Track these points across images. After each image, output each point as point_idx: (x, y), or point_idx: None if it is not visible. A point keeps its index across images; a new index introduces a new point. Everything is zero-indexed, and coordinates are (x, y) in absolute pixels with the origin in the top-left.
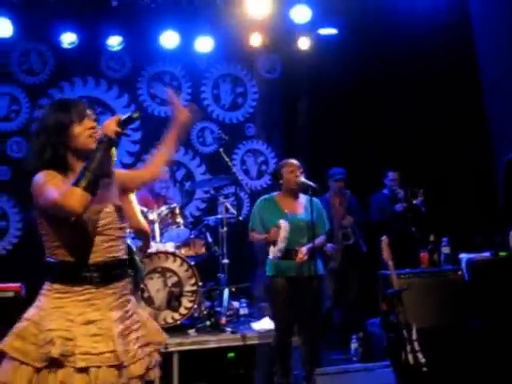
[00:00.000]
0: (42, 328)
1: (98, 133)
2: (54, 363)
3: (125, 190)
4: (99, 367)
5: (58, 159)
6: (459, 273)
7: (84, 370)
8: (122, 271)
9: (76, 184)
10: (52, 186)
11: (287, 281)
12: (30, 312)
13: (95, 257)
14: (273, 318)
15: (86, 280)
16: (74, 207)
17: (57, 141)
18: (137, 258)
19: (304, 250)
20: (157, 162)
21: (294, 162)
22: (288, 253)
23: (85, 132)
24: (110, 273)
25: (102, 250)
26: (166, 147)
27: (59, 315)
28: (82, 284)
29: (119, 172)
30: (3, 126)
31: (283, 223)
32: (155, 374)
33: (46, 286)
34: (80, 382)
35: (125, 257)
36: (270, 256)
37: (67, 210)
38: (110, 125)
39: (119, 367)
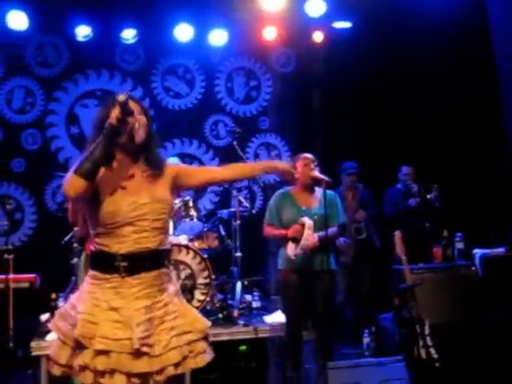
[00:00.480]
0: (76, 310)
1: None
2: (80, 344)
3: (179, 185)
4: (120, 353)
5: None
6: (473, 268)
7: (104, 353)
8: (153, 262)
9: (74, 171)
10: None
11: (299, 275)
12: (74, 295)
13: (125, 247)
14: (284, 311)
15: (115, 269)
16: (68, 192)
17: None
18: None
19: (315, 236)
20: (236, 172)
21: (308, 155)
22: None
23: None
24: (138, 263)
25: (132, 241)
26: (253, 171)
27: (89, 299)
28: (111, 272)
29: (174, 166)
30: (18, 118)
31: (307, 221)
32: (202, 360)
33: (88, 271)
34: (101, 364)
35: (160, 248)
36: (289, 253)
37: (64, 193)
38: (114, 112)
39: (139, 355)
